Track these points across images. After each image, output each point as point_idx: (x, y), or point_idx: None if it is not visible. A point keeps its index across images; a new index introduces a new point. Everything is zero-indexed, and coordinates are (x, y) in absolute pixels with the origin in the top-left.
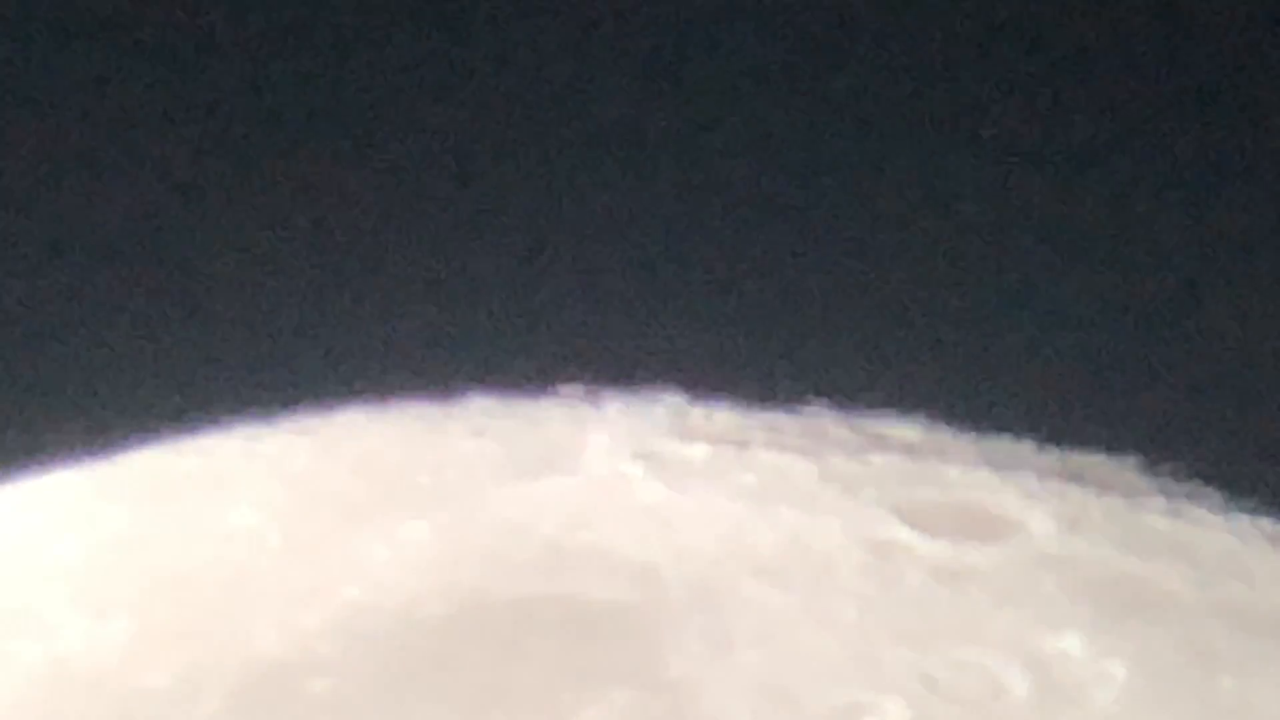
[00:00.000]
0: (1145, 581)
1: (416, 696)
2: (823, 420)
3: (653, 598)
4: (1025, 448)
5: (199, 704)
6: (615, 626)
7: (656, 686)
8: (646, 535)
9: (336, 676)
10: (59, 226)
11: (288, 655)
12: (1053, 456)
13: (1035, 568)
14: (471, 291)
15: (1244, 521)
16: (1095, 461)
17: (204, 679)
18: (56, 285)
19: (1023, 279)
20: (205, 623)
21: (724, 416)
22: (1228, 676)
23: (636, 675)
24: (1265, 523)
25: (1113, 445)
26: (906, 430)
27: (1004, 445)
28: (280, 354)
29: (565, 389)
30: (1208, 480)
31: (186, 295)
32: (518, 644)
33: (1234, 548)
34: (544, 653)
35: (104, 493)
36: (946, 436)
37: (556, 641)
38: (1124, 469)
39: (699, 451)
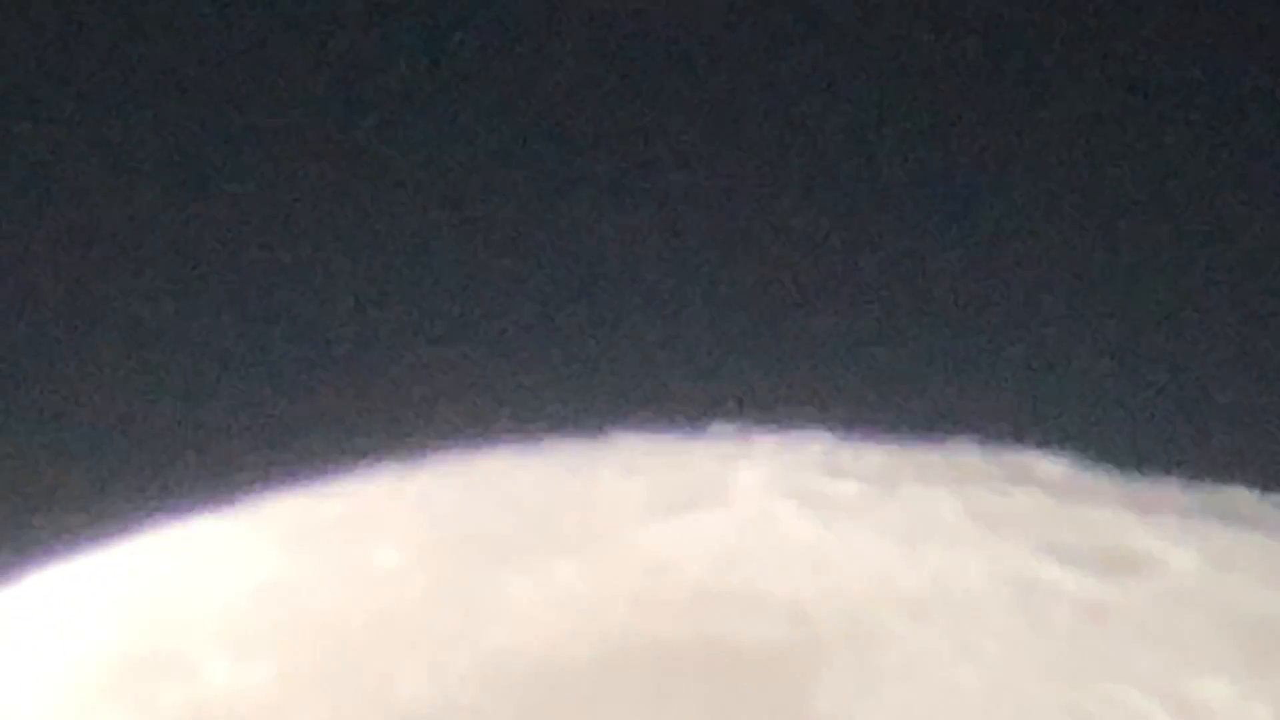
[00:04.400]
0: None
1: None
2: (970, 457)
3: (801, 638)
4: (1172, 486)
5: None
6: (763, 667)
7: None
8: (795, 575)
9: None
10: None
11: (433, 698)
12: (1201, 495)
13: (1184, 607)
14: (621, 330)
15: None
16: (1245, 499)
17: None
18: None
19: (1173, 319)
20: (350, 665)
21: (873, 454)
22: None
23: (783, 715)
24: None
25: (1263, 484)
26: (1053, 467)
27: (1150, 483)
28: (426, 394)
29: (715, 427)
30: None
31: (330, 340)
32: (665, 686)
33: None
34: (691, 694)
35: (248, 537)
36: (1093, 474)
37: (704, 683)
38: (1274, 507)
39: (849, 489)
